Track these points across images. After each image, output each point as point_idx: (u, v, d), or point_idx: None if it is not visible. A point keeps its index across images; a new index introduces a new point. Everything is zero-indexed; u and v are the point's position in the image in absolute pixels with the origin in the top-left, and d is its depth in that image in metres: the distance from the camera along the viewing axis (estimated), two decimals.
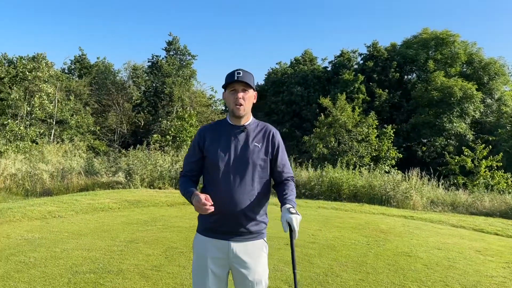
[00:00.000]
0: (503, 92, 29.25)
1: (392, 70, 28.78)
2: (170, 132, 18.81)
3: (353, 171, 14.91)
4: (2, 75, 18.22)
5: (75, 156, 15.55)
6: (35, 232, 6.36)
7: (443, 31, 29.97)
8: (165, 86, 26.15)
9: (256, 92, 2.55)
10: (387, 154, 18.60)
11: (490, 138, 24.70)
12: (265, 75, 34.79)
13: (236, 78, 2.37)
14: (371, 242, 7.16)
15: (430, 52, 29.68)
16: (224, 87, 2.46)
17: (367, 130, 18.29)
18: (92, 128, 24.39)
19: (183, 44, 29.58)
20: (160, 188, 13.11)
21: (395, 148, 19.67)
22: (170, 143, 18.29)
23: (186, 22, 60.63)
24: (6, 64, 22.33)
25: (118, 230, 6.74)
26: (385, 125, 20.76)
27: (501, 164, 19.94)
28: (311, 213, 9.94)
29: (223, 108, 33.26)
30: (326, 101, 19.16)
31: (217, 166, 2.39)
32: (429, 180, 14.66)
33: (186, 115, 19.48)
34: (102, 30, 62.16)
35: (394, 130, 20.75)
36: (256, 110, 33.21)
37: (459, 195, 13.83)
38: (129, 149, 14.91)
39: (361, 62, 31.03)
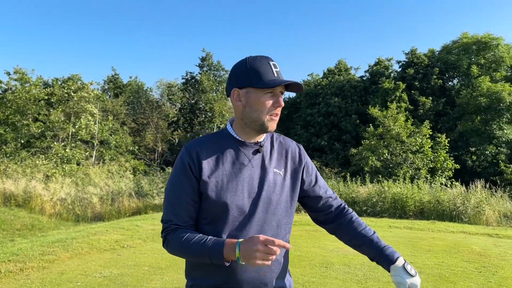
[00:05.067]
0: None
1: (434, 77, 27.64)
2: None
3: (412, 184, 13.98)
4: (45, 97, 18.18)
5: (122, 177, 15.16)
6: (111, 268, 5.78)
7: (485, 35, 28.70)
8: (200, 101, 25.83)
9: None
10: (444, 165, 17.50)
11: None
12: None
13: (275, 75, 1.52)
14: (481, 269, 6.31)
15: (472, 57, 28.43)
16: (244, 85, 1.54)
17: (420, 141, 17.29)
18: (131, 148, 24.17)
19: (216, 59, 29.41)
20: None
21: (452, 158, 18.55)
22: None
23: (216, 37, 60.97)
24: (43, 87, 22.47)
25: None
26: (439, 134, 19.68)
27: None
28: (387, 235, 9.15)
29: None
30: (375, 111, 18.27)
31: (225, 212, 1.51)
32: (493, 192, 13.58)
33: None
34: (132, 49, 63.23)
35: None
36: (292, 124, 32.75)
37: None
38: (169, 167, 14.43)
39: (400, 70, 30.00)
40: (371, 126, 18.49)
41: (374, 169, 16.50)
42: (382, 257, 1.58)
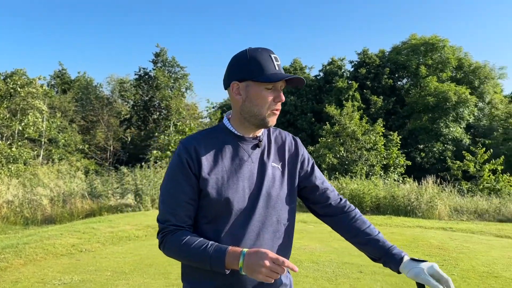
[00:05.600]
0: (493, 96, 29.56)
1: (385, 76, 28.68)
2: (170, 148, 17.84)
3: (368, 180, 14.38)
4: None
5: (73, 177, 14.37)
6: (71, 274, 5.41)
7: (432, 36, 30.15)
8: (155, 98, 25.12)
9: None
10: (396, 162, 18.17)
11: (487, 142, 24.76)
12: None
13: (276, 68, 1.46)
14: (443, 263, 6.53)
15: (420, 57, 29.76)
16: (244, 78, 1.47)
17: (374, 138, 17.82)
18: (80, 146, 23.09)
19: (170, 55, 28.73)
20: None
21: (403, 155, 19.30)
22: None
23: (169, 33, 59.72)
24: None
25: (163, 265, 5.86)
26: (391, 132, 20.40)
27: (502, 167, 19.90)
28: None
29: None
30: (332, 109, 18.63)
31: (227, 210, 1.44)
32: (443, 187, 14.27)
33: (187, 128, 18.53)
34: (80, 43, 60.57)
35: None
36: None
37: (480, 202, 13.44)
38: (122, 166, 13.88)
39: (352, 69, 30.84)
40: (327, 124, 18.83)
41: (331, 166, 16.80)
42: (389, 257, 1.52)
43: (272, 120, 1.51)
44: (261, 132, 1.59)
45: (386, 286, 5.17)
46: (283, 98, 1.49)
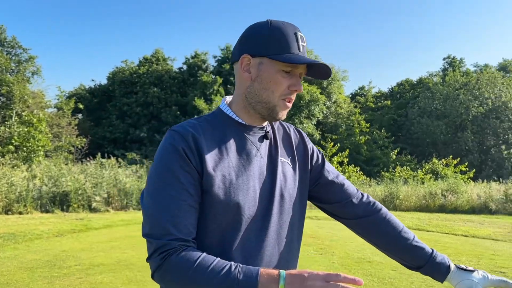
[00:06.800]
0: (338, 96, 33.14)
1: None
2: (13, 141, 15.36)
3: None
4: None
5: None
6: None
7: None
8: None
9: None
10: None
11: (334, 137, 27.67)
12: (109, 73, 31.72)
13: (300, 50, 1.16)
14: (321, 252, 6.89)
15: None
16: (259, 53, 1.16)
17: None
18: None
19: (10, 34, 24.81)
20: (21, 213, 10.46)
21: None
22: (15, 154, 14.96)
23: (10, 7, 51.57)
24: None
25: (21, 283, 4.86)
26: None
27: (347, 159, 22.55)
28: None
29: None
30: (200, 103, 18.38)
31: (237, 217, 1.12)
32: None
33: (35, 119, 16.16)
34: None
35: None
36: (105, 113, 30.25)
37: None
38: None
39: (216, 64, 31.12)
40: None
41: None
42: (432, 266, 1.31)
43: (283, 113, 1.21)
44: (266, 122, 1.28)
45: None
46: (301, 88, 1.18)
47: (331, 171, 1.38)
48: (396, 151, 27.01)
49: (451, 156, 22.27)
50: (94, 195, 11.64)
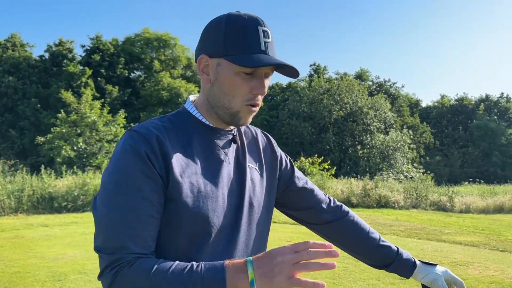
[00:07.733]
0: None
1: (120, 66, 28.10)
2: None
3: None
4: None
5: None
6: None
7: (164, 33, 31.52)
8: None
9: None
10: None
11: None
12: None
13: (262, 47, 1.02)
14: None
15: (154, 52, 30.64)
16: (215, 53, 1.03)
17: (115, 130, 17.10)
18: None
19: None
20: None
21: None
22: None
23: None
24: None
25: None
26: (132, 124, 20.06)
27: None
28: None
29: None
30: (68, 96, 16.70)
31: (205, 228, 1.01)
32: None
33: None
34: None
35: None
36: None
37: None
38: None
39: (85, 54, 28.77)
40: (62, 112, 16.81)
41: (67, 159, 15.10)
42: (399, 263, 1.32)
43: (246, 117, 1.08)
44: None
45: None
46: (265, 90, 1.05)
47: (301, 177, 1.33)
48: None
49: (316, 155, 24.26)
50: None
